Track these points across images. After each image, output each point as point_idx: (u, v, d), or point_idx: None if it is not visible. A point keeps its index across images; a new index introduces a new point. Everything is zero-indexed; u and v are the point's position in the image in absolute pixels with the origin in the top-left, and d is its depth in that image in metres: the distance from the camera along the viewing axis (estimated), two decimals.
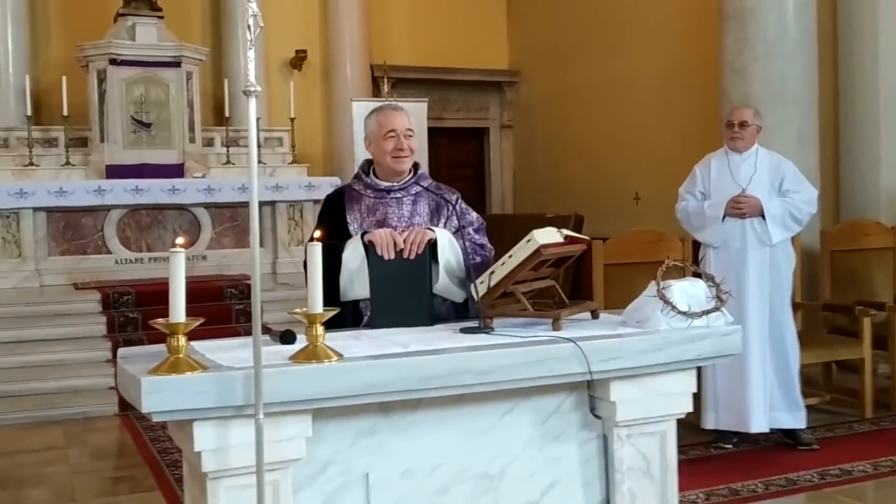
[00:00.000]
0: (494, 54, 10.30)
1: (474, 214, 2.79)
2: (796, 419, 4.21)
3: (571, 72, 9.20)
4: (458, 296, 2.58)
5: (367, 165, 2.76)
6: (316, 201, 8.07)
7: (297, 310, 1.97)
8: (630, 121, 8.41)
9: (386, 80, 8.85)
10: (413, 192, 2.69)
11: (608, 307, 3.12)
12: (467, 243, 2.54)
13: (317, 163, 9.08)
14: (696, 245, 4.47)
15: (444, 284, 2.53)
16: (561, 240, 2.29)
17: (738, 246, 4.15)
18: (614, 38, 8.50)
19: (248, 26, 1.67)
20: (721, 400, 4.13)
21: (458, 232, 2.58)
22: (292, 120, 8.16)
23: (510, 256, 2.24)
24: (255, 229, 1.84)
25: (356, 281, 2.51)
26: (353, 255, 2.51)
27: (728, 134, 4.25)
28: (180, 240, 2.06)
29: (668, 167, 7.58)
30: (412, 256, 2.45)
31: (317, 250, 1.97)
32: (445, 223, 2.67)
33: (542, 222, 2.68)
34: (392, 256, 2.44)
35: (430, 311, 2.47)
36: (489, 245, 2.73)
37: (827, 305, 5.27)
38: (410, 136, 2.67)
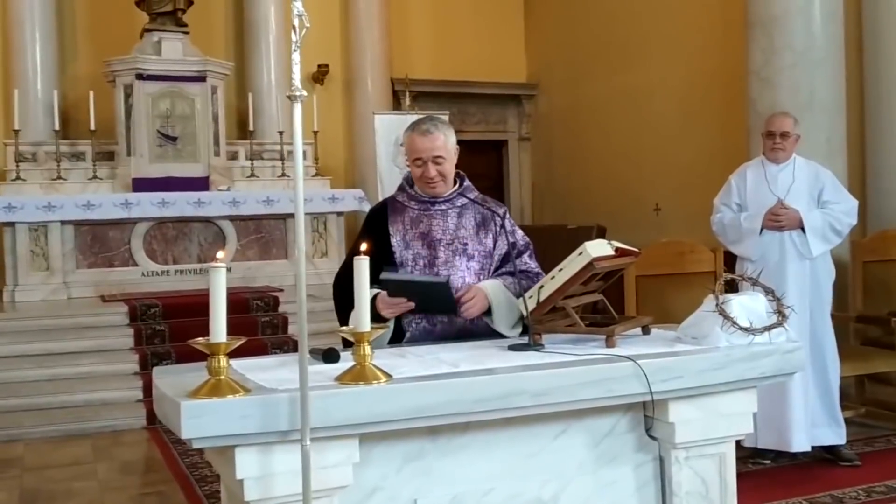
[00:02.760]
0: (513, 67, 10.28)
1: (520, 233, 2.68)
2: (837, 435, 4.10)
3: (590, 84, 9.12)
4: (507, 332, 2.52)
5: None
6: (339, 214, 8.09)
7: (344, 328, 1.91)
8: (650, 131, 8.31)
9: (407, 94, 8.85)
10: (458, 203, 2.60)
11: None
12: (524, 281, 2.41)
13: (338, 175, 9.09)
14: (728, 256, 4.37)
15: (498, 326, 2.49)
16: (612, 252, 2.21)
17: (777, 259, 4.03)
18: (634, 50, 8.42)
19: (294, 27, 1.60)
20: (761, 418, 3.98)
21: (515, 274, 2.45)
22: (315, 133, 8.16)
23: (560, 270, 2.16)
24: (301, 242, 1.78)
25: None
26: None
27: (769, 144, 4.14)
28: (221, 254, 1.99)
29: (690, 177, 7.49)
30: (468, 318, 2.43)
31: (364, 264, 1.91)
32: (495, 239, 2.58)
33: (564, 233, 2.60)
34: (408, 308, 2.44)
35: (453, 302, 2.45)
36: (541, 272, 2.58)
37: (861, 317, 5.15)
38: (440, 162, 2.51)
